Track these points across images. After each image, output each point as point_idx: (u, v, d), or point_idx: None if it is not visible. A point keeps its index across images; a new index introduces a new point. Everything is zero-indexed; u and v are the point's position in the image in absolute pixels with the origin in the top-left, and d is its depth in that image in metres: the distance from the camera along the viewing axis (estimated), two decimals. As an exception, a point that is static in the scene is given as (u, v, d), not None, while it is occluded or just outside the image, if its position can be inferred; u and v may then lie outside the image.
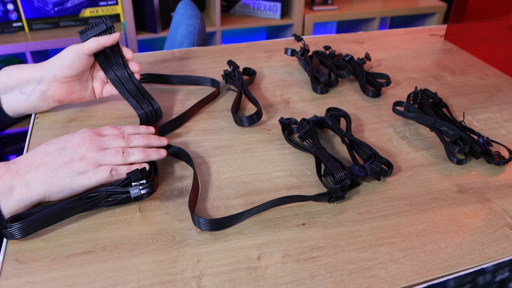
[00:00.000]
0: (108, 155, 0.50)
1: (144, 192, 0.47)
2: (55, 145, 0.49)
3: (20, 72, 0.59)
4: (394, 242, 0.46)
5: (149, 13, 1.60)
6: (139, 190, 0.47)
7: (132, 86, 0.65)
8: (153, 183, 0.49)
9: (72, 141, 0.50)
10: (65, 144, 0.49)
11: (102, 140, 0.51)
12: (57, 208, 0.45)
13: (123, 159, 0.51)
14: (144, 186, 0.47)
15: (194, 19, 1.06)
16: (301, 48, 0.83)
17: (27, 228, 0.44)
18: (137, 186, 0.47)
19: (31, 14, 1.49)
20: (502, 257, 0.45)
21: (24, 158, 0.48)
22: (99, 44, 0.61)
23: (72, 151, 0.49)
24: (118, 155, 0.50)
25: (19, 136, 1.66)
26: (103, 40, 0.61)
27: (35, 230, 0.44)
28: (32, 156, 0.48)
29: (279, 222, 0.48)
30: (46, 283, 0.41)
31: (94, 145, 0.50)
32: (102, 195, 0.47)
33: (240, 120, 0.64)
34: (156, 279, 0.41)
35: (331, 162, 0.53)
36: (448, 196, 0.53)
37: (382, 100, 0.73)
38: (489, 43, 0.89)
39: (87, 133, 0.51)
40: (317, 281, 0.42)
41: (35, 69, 0.60)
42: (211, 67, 0.82)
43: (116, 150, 0.50)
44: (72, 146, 0.49)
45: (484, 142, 0.58)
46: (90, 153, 0.49)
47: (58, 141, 0.50)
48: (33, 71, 0.59)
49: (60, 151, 0.48)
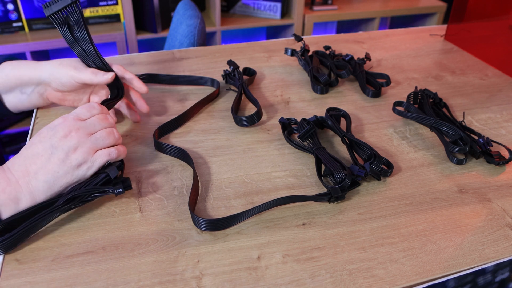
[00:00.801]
0: (101, 138, 0.49)
1: (121, 190, 0.48)
2: (42, 144, 0.46)
3: (19, 73, 0.59)
4: (394, 242, 0.46)
5: (149, 13, 1.60)
6: (122, 189, 0.47)
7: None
8: (128, 179, 0.48)
9: (57, 135, 0.47)
10: (52, 140, 0.46)
11: (87, 124, 0.49)
12: (37, 220, 0.44)
13: (116, 138, 0.50)
14: (126, 184, 0.48)
15: (194, 19, 1.06)
16: (301, 48, 0.83)
17: (9, 246, 0.43)
18: (120, 185, 0.47)
19: (31, 14, 1.49)
20: (502, 257, 0.45)
21: (17, 165, 0.45)
22: (92, 81, 0.59)
23: (63, 146, 0.46)
24: (111, 135, 0.50)
25: (19, 136, 1.66)
26: (97, 79, 0.59)
27: (15, 246, 0.44)
28: (24, 161, 0.46)
29: (279, 222, 0.48)
30: (46, 283, 0.41)
31: (81, 132, 0.48)
32: (82, 196, 0.46)
33: (240, 120, 0.64)
34: (156, 279, 0.41)
35: (331, 162, 0.53)
36: (448, 196, 0.53)
37: (382, 100, 0.73)
38: (489, 43, 0.89)
39: (68, 121, 0.48)
40: (317, 281, 0.42)
41: (33, 70, 0.59)
42: (211, 67, 0.82)
43: (107, 131, 0.50)
44: (59, 140, 0.46)
45: (484, 142, 0.58)
46: (82, 142, 0.47)
47: (43, 139, 0.47)
48: (32, 73, 0.59)
49: (51, 150, 0.46)
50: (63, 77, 0.59)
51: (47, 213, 0.45)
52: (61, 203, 0.45)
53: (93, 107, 0.51)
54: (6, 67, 0.59)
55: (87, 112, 0.50)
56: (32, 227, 0.44)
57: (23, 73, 0.59)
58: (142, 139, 0.61)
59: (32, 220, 0.44)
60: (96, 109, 0.51)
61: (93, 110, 0.51)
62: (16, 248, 0.44)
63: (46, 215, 0.45)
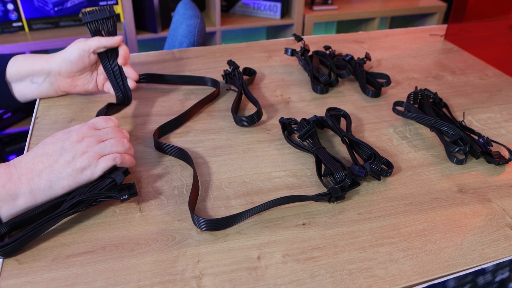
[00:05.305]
0: (109, 145, 0.49)
1: (126, 196, 0.48)
2: (54, 146, 0.48)
3: (32, 63, 0.64)
4: (394, 242, 0.46)
5: (149, 13, 1.60)
6: (128, 195, 0.48)
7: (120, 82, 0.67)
8: (134, 186, 0.49)
9: (70, 139, 0.48)
10: (64, 143, 0.48)
11: (100, 133, 0.51)
12: (41, 225, 0.44)
13: (125, 147, 0.51)
14: (132, 191, 0.48)
15: (194, 19, 1.06)
16: (301, 48, 0.83)
17: (12, 251, 0.43)
18: (126, 192, 0.48)
19: (31, 14, 1.49)
20: (502, 257, 0.45)
21: (24, 162, 0.46)
22: (100, 44, 0.64)
23: (72, 149, 0.47)
24: (120, 143, 0.50)
25: (19, 136, 1.66)
26: (105, 41, 0.64)
27: (18, 250, 0.44)
28: (32, 159, 0.46)
29: (279, 222, 0.48)
30: (46, 283, 0.41)
31: (93, 139, 0.49)
32: (87, 200, 0.46)
33: (240, 120, 0.64)
34: (156, 279, 0.41)
35: (331, 162, 0.53)
36: (448, 196, 0.53)
37: (382, 100, 0.73)
38: (489, 43, 0.89)
39: (84, 128, 0.50)
40: (317, 281, 0.42)
41: (44, 60, 0.64)
42: (211, 67, 0.82)
43: (117, 139, 0.50)
44: (71, 144, 0.48)
45: (484, 142, 0.58)
46: (90, 147, 0.48)
47: (56, 141, 0.48)
48: (43, 63, 0.64)
49: (61, 152, 0.47)
50: (71, 54, 0.64)
51: (51, 218, 0.44)
52: (66, 208, 0.45)
53: (110, 119, 0.53)
54: (19, 58, 0.64)
55: (104, 122, 0.53)
56: (35, 232, 0.44)
57: (36, 63, 0.64)
58: (142, 139, 0.61)
59: (36, 225, 0.44)
60: (112, 121, 0.53)
61: (110, 122, 0.53)
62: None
63: (51, 220, 0.44)
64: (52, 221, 0.45)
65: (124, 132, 0.53)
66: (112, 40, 0.64)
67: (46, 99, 0.69)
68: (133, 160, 0.52)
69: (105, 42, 0.64)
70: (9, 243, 0.42)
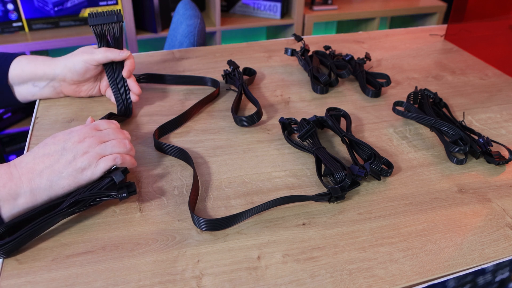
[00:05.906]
0: (110, 146, 0.50)
1: (125, 195, 0.48)
2: (55, 146, 0.48)
3: (34, 67, 0.63)
4: (394, 242, 0.46)
5: (149, 13, 1.60)
6: (127, 194, 0.48)
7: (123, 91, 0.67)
8: (133, 184, 0.49)
9: (72, 139, 0.48)
10: (65, 143, 0.48)
11: (102, 134, 0.51)
12: (40, 224, 0.44)
13: (126, 149, 0.51)
14: (131, 190, 0.48)
15: (194, 19, 1.06)
16: (301, 48, 0.83)
17: (11, 250, 0.43)
18: (124, 190, 0.48)
19: (31, 14, 1.49)
20: (502, 257, 0.45)
21: (25, 162, 0.46)
22: (107, 58, 0.63)
23: (73, 149, 0.48)
24: (121, 144, 0.50)
25: (19, 136, 1.66)
26: (112, 55, 0.63)
27: (17, 249, 0.44)
28: (33, 159, 0.46)
29: (279, 222, 0.48)
30: (46, 283, 0.41)
31: (94, 140, 0.49)
32: (86, 200, 0.46)
33: (240, 120, 0.64)
34: (156, 279, 0.41)
35: (331, 162, 0.53)
36: (448, 196, 0.53)
37: (382, 100, 0.73)
38: (489, 43, 0.89)
39: (85, 129, 0.50)
40: (317, 281, 0.42)
41: (48, 66, 0.63)
42: (211, 67, 0.82)
43: (118, 140, 0.51)
44: (72, 144, 0.48)
45: (484, 142, 0.58)
46: (92, 148, 0.48)
47: (57, 141, 0.48)
48: (47, 69, 0.63)
49: (62, 152, 0.47)
50: (77, 65, 0.63)
51: (50, 217, 0.44)
52: (65, 207, 0.45)
53: (111, 121, 0.54)
54: (21, 60, 0.64)
55: (106, 124, 0.53)
56: (34, 231, 0.44)
57: (38, 68, 0.63)
58: (142, 139, 0.61)
59: (35, 224, 0.44)
60: (114, 124, 0.54)
61: (111, 124, 0.54)
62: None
63: (49, 219, 0.44)
64: (51, 220, 0.45)
65: (126, 133, 0.53)
66: (119, 55, 0.64)
67: (46, 99, 0.69)
68: (134, 161, 0.52)
69: (111, 56, 0.63)
70: (9, 242, 0.42)
